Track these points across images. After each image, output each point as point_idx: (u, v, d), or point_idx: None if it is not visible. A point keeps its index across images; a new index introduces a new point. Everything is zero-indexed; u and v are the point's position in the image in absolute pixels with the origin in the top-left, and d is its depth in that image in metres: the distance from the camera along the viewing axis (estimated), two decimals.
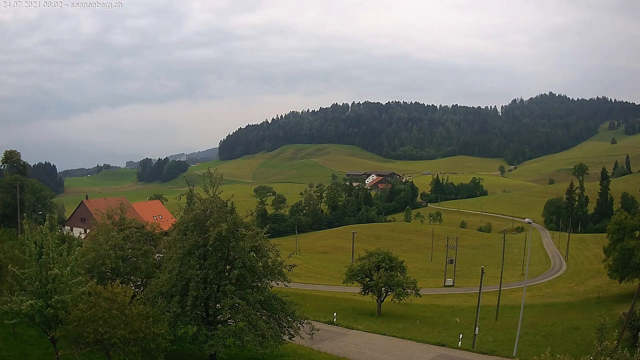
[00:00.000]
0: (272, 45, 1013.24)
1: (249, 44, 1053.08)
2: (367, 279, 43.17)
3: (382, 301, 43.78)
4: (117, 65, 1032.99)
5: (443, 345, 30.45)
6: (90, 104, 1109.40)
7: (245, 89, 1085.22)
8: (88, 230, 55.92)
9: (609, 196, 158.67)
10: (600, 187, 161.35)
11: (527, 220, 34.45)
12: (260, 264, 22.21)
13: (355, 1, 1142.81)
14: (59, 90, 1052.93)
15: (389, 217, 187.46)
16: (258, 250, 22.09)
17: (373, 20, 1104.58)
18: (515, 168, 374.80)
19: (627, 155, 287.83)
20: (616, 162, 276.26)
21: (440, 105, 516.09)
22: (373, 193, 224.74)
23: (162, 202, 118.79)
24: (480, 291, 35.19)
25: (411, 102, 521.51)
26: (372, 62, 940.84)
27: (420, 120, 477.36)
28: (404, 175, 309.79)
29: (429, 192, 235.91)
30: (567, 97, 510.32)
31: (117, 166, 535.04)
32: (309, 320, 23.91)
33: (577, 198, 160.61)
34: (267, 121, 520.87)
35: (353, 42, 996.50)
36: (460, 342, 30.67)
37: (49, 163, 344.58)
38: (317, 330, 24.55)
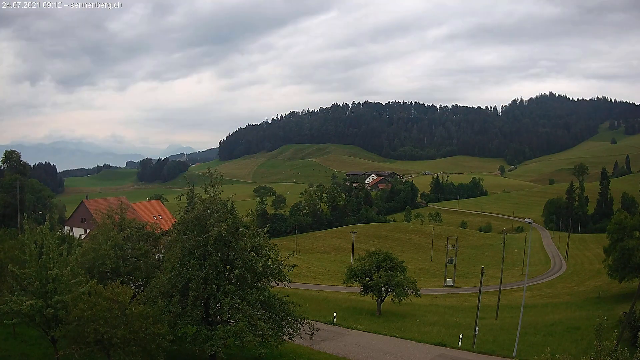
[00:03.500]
0: None
1: None
2: (367, 279, 43.11)
3: (382, 301, 43.74)
4: None
5: (443, 345, 30.45)
6: None
7: None
8: (88, 230, 56.01)
9: (609, 196, 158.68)
10: (600, 187, 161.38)
11: (527, 220, 34.37)
12: (260, 264, 22.22)
13: None
14: None
15: (389, 217, 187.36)
16: (258, 250, 22.10)
17: None
18: (515, 168, 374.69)
19: (627, 155, 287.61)
20: (616, 162, 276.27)
21: (440, 105, 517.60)
22: (373, 193, 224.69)
23: (162, 202, 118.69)
24: (480, 291, 35.18)
25: (411, 102, 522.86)
26: None
27: (420, 120, 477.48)
28: (404, 175, 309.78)
29: (429, 192, 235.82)
30: (567, 97, 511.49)
31: (117, 166, 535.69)
32: (309, 320, 23.90)
33: (577, 198, 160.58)
34: (267, 121, 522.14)
35: None
36: (460, 342, 30.67)
37: (49, 163, 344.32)
38: (317, 330, 24.53)
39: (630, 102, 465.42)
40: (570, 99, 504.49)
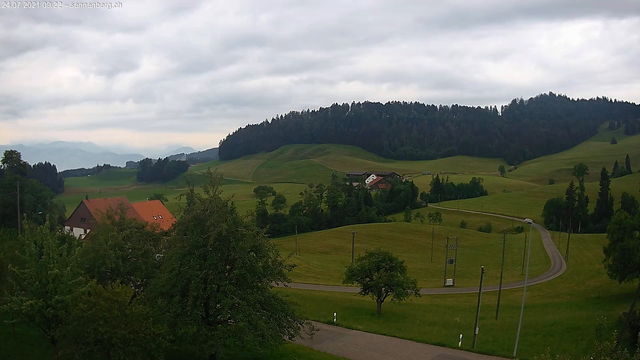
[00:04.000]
0: None
1: None
2: (367, 279, 43.12)
3: (382, 301, 43.74)
4: None
5: (443, 345, 30.47)
6: None
7: None
8: (88, 230, 55.95)
9: (609, 196, 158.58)
10: (600, 187, 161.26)
11: (527, 220, 34.39)
12: (260, 264, 22.23)
13: None
14: None
15: (389, 217, 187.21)
16: (258, 250, 22.12)
17: None
18: (515, 168, 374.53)
19: (627, 155, 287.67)
20: (616, 162, 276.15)
21: (440, 105, 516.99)
22: (373, 193, 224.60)
23: (162, 202, 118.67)
24: (480, 291, 35.16)
25: (411, 102, 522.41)
26: None
27: (420, 120, 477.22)
28: (404, 175, 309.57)
29: (429, 192, 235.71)
30: (567, 97, 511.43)
31: (117, 166, 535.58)
32: (309, 320, 23.91)
33: (577, 198, 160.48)
34: (267, 121, 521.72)
35: None
36: (460, 342, 30.67)
37: (49, 163, 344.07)
38: (317, 330, 24.55)
39: (630, 102, 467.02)
40: (570, 99, 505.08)
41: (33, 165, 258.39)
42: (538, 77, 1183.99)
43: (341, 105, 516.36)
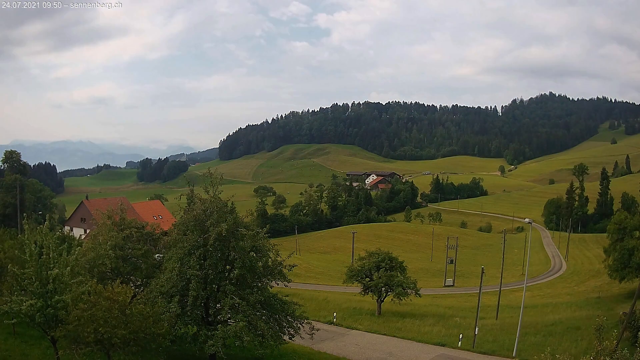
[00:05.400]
0: None
1: None
2: (367, 279, 43.09)
3: (382, 301, 43.71)
4: None
5: (443, 345, 30.49)
6: None
7: None
8: (88, 231, 55.99)
9: (609, 196, 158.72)
10: (600, 187, 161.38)
11: (527, 220, 34.43)
12: (260, 264, 22.23)
13: None
14: None
15: (389, 217, 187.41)
16: (258, 250, 22.09)
17: None
18: (516, 168, 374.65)
19: (627, 155, 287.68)
20: (616, 162, 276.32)
21: (440, 105, 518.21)
22: (373, 193, 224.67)
23: (162, 202, 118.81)
24: (480, 291, 35.19)
25: (411, 102, 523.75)
26: None
27: (420, 120, 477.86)
28: (404, 175, 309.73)
29: (429, 192, 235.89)
30: (567, 97, 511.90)
31: (117, 166, 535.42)
32: (309, 320, 23.91)
33: (577, 198, 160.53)
34: (267, 121, 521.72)
35: None
36: (460, 342, 30.69)
37: (49, 163, 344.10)
38: (317, 330, 24.52)
39: (630, 102, 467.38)
40: (570, 99, 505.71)
41: (33, 165, 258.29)
42: None
43: (341, 105, 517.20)
